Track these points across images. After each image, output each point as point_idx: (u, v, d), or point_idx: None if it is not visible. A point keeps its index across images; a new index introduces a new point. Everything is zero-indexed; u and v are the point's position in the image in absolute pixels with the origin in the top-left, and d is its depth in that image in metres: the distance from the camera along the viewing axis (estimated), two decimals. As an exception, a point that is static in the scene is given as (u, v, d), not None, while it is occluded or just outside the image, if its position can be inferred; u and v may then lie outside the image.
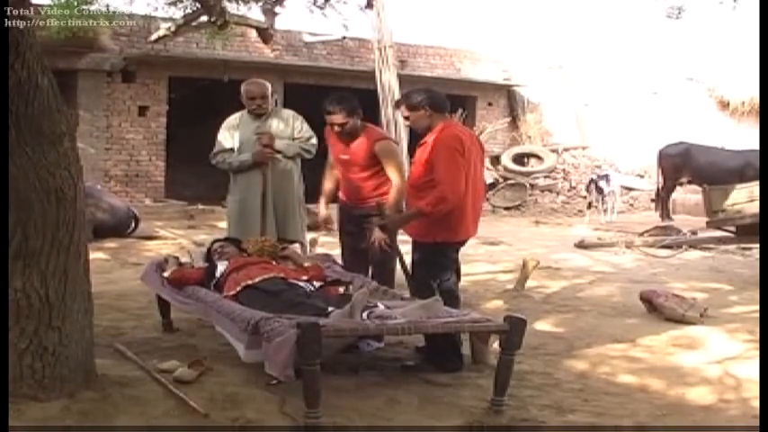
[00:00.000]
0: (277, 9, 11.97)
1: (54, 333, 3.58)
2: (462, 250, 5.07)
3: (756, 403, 4.02)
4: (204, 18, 10.93)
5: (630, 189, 16.29)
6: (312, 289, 4.64)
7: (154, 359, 4.34)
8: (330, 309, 4.12)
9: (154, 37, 12.65)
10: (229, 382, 4.04)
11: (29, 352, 3.53)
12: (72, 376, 3.65)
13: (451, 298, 4.62)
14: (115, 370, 4.09)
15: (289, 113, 6.07)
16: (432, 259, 4.74)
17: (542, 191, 16.25)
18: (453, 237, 4.76)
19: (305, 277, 4.77)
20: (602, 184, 13.71)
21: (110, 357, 4.34)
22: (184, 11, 11.07)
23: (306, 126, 5.99)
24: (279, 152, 5.80)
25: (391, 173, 5.27)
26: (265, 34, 12.76)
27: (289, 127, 5.94)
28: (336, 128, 5.24)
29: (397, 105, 5.59)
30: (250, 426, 3.55)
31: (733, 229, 8.79)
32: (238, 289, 4.49)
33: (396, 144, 5.55)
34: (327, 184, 5.64)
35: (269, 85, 6.06)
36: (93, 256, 4.36)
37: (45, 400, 3.54)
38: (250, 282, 4.51)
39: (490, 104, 17.28)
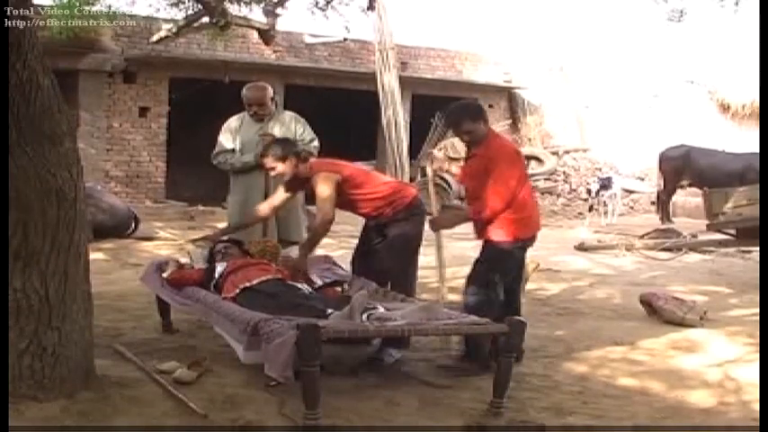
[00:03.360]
0: (278, 10, 11.97)
1: (53, 333, 3.58)
2: (463, 252, 5.10)
3: (756, 406, 4.02)
4: (206, 19, 10.95)
5: (631, 192, 16.29)
6: (311, 291, 4.64)
7: (153, 360, 4.34)
8: (329, 310, 4.12)
9: (155, 38, 12.66)
10: (229, 384, 4.05)
11: (28, 352, 3.53)
12: (71, 377, 3.65)
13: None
14: (115, 371, 4.10)
15: (291, 116, 6.08)
16: (501, 259, 4.78)
17: (543, 193, 16.24)
18: (527, 233, 4.84)
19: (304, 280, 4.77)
20: (592, 186, 13.76)
21: (109, 358, 4.35)
22: (186, 12, 11.10)
23: (308, 129, 6.00)
24: None
25: (317, 206, 5.06)
26: (267, 35, 12.76)
27: (291, 130, 5.95)
28: (272, 173, 5.18)
29: (450, 126, 5.38)
30: (249, 426, 3.55)
31: (733, 231, 8.78)
32: (237, 291, 4.49)
33: (333, 174, 5.03)
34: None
35: (269, 91, 6.06)
36: (92, 256, 4.37)
37: (44, 400, 3.54)
38: (248, 284, 4.51)
39: (491, 106, 17.27)
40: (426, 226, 5.10)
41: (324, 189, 4.95)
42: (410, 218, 5.11)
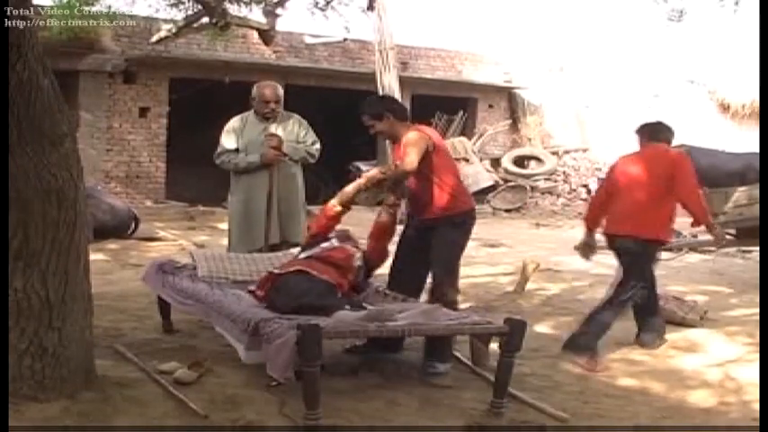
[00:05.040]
0: (278, 11, 11.97)
1: (54, 334, 3.58)
2: (464, 252, 5.05)
3: (757, 406, 4.03)
4: (206, 19, 10.96)
5: (631, 191, 16.28)
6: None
7: (154, 360, 4.34)
8: (347, 308, 4.13)
9: (155, 38, 12.66)
10: (229, 384, 4.05)
11: (29, 353, 3.53)
12: (72, 377, 3.65)
13: None
14: (115, 371, 4.10)
15: (295, 118, 6.08)
16: None
17: (543, 193, 16.24)
18: None
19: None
20: (592, 186, 13.81)
21: (110, 358, 4.35)
22: (186, 12, 11.10)
23: (311, 132, 6.00)
24: (286, 155, 5.82)
25: (406, 155, 4.68)
26: (267, 36, 12.76)
27: (293, 132, 5.96)
28: (371, 131, 4.96)
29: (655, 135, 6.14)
30: (250, 427, 3.55)
31: (734, 231, 8.78)
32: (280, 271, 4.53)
33: (427, 137, 4.76)
34: None
35: (281, 89, 6.07)
36: (93, 257, 4.37)
37: (45, 400, 3.54)
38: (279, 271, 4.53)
39: (491, 107, 17.28)
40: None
41: (414, 149, 4.61)
42: (463, 225, 4.84)
